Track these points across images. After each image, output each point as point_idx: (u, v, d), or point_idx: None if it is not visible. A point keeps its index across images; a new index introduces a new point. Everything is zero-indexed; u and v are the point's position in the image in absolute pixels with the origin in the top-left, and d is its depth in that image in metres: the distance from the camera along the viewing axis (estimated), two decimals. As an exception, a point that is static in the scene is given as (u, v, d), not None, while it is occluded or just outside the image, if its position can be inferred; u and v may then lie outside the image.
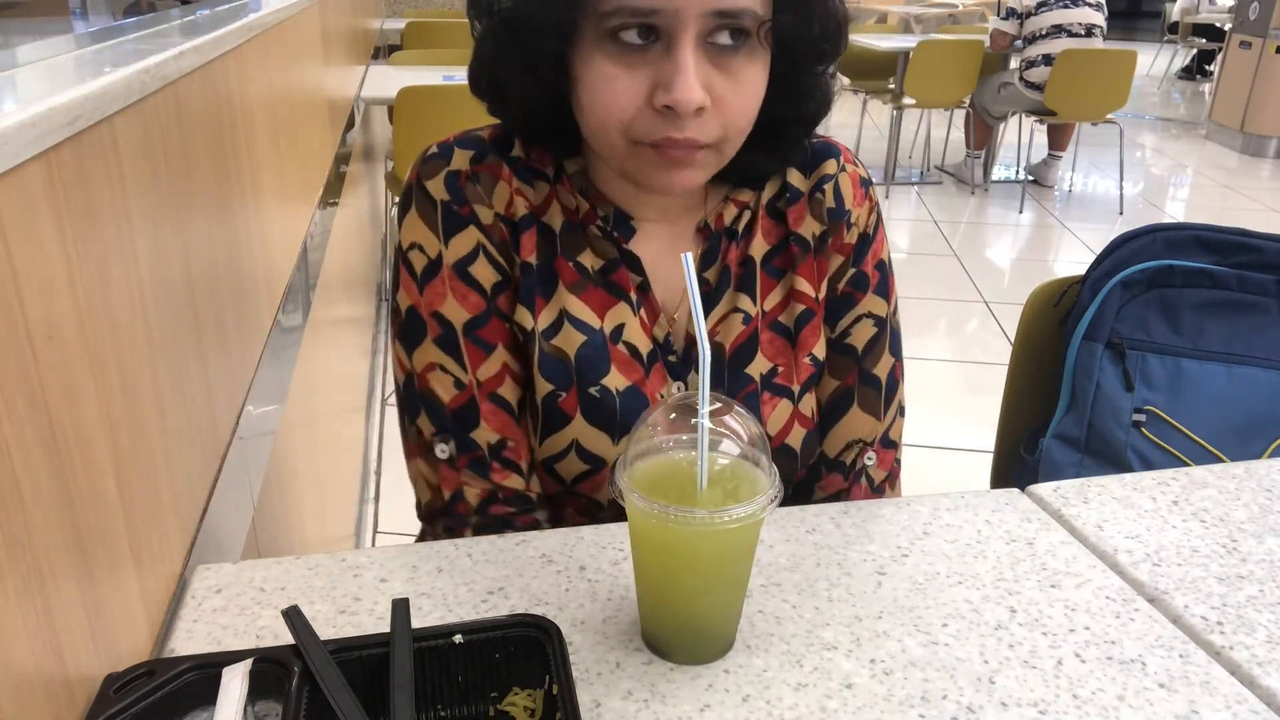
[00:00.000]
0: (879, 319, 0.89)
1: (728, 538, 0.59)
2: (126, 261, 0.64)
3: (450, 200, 0.80)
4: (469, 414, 0.82)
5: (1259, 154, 6.67)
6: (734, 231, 0.85)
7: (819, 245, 0.87)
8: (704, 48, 0.69)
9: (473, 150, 0.82)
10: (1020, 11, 5.07)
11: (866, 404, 0.89)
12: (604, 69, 0.70)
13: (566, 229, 0.83)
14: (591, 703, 0.59)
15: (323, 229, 1.74)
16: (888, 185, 5.58)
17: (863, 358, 0.89)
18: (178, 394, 0.74)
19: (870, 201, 0.89)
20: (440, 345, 0.81)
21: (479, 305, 0.81)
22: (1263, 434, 1.17)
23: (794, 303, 0.86)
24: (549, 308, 0.82)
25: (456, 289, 0.81)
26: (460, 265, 0.81)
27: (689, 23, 0.68)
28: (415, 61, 3.73)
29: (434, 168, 0.81)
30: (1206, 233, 1.22)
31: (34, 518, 0.47)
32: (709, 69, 0.70)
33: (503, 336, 0.82)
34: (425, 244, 0.81)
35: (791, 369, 0.86)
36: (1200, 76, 10.42)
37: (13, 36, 0.95)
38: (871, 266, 0.88)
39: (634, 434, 0.62)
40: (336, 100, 2.35)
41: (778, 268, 0.87)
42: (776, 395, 0.85)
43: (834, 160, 0.87)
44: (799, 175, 0.87)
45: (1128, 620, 0.68)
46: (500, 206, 0.81)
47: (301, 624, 0.57)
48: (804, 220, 0.86)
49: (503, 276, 0.82)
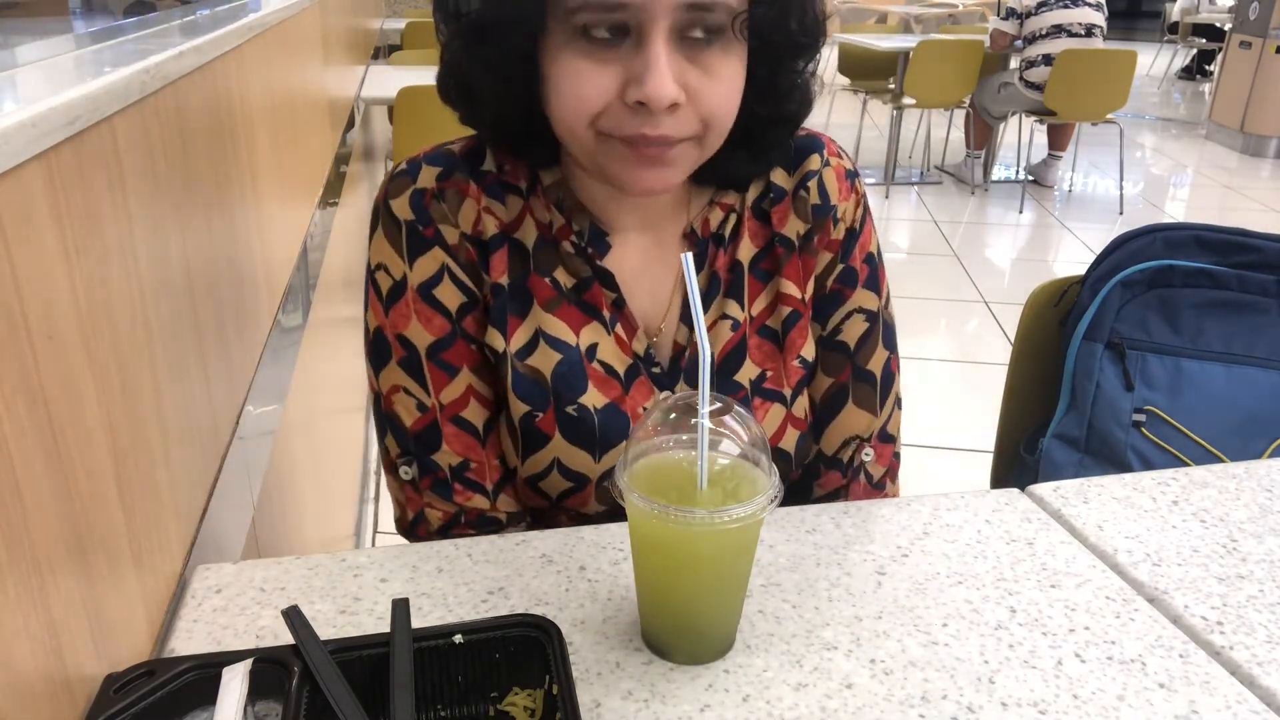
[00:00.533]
0: (870, 314, 0.88)
1: (728, 538, 0.59)
2: (126, 261, 0.64)
3: (415, 220, 0.79)
4: (430, 437, 0.81)
5: (1259, 154, 6.67)
6: (721, 237, 0.84)
7: (803, 244, 0.85)
8: (677, 42, 0.68)
9: (440, 167, 0.80)
10: (1020, 11, 5.07)
11: (861, 400, 0.89)
12: (572, 64, 0.68)
13: (540, 245, 0.81)
14: (591, 703, 0.59)
15: (323, 229, 1.74)
16: (888, 185, 5.58)
17: (855, 354, 0.88)
18: (178, 394, 0.74)
19: (856, 194, 0.87)
20: (404, 368, 0.81)
21: (443, 328, 0.80)
22: (1263, 434, 1.17)
23: (780, 305, 0.85)
24: (524, 326, 0.81)
25: (421, 312, 0.80)
26: (424, 288, 0.80)
27: (659, 16, 0.66)
28: (415, 61, 3.73)
29: (400, 186, 0.80)
30: (1206, 233, 1.22)
31: (34, 518, 0.47)
32: (682, 63, 0.68)
33: (468, 359, 0.81)
34: (390, 265, 0.80)
35: (780, 373, 0.85)
36: (1200, 76, 10.42)
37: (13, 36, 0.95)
38: (860, 261, 0.87)
39: (634, 434, 0.62)
40: (336, 100, 2.35)
41: (765, 270, 0.85)
42: (768, 400, 0.85)
43: (817, 155, 0.85)
44: (783, 173, 0.85)
45: (1128, 620, 0.68)
46: (467, 226, 0.80)
47: (301, 624, 0.57)
48: (788, 219, 0.85)
49: (469, 298, 0.81)
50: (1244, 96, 6.76)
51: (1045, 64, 4.93)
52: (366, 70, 3.59)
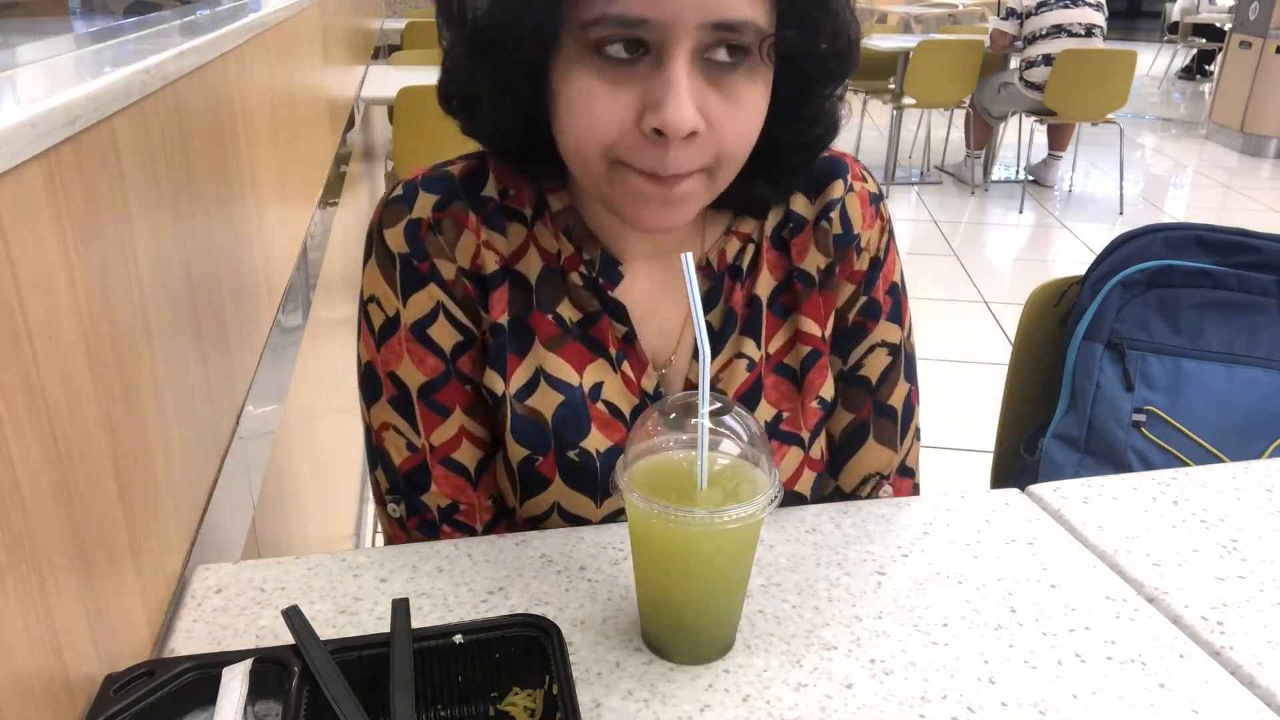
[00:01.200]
0: (893, 346, 0.84)
1: (728, 538, 0.59)
2: (126, 261, 0.64)
3: (409, 254, 0.75)
4: (420, 477, 0.79)
5: (1259, 154, 6.67)
6: (738, 269, 0.79)
7: (824, 279, 0.80)
8: (699, 64, 0.62)
9: (437, 194, 0.75)
10: (1020, 11, 5.07)
11: (882, 436, 0.85)
12: (585, 85, 0.63)
13: (544, 278, 0.77)
14: (591, 703, 0.59)
15: (323, 229, 1.74)
16: (888, 185, 5.58)
17: (877, 389, 0.84)
18: (178, 394, 0.74)
19: (881, 220, 0.82)
20: (394, 406, 0.78)
21: (436, 368, 0.77)
22: (1263, 434, 1.17)
23: (799, 344, 0.81)
24: (523, 366, 0.77)
25: (413, 351, 0.77)
26: (418, 326, 0.76)
27: (683, 36, 0.60)
28: (415, 61, 3.73)
29: (394, 214, 0.75)
30: (1206, 233, 1.22)
31: (34, 518, 0.47)
32: (704, 88, 0.63)
33: (461, 399, 0.78)
34: (383, 300, 0.76)
35: (798, 413, 0.81)
36: (1200, 76, 10.41)
37: (13, 36, 0.95)
38: (883, 292, 0.83)
39: (633, 434, 0.62)
40: (336, 100, 2.35)
41: (783, 306, 0.81)
42: (785, 444, 0.80)
43: (840, 182, 0.80)
44: (803, 200, 0.80)
45: (1128, 620, 0.68)
46: (464, 260, 0.76)
47: (301, 624, 0.57)
48: (808, 253, 0.80)
49: (464, 336, 0.77)
50: (1244, 96, 6.76)
51: (1045, 64, 4.93)
52: (366, 70, 3.59)
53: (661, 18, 0.60)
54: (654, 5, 0.59)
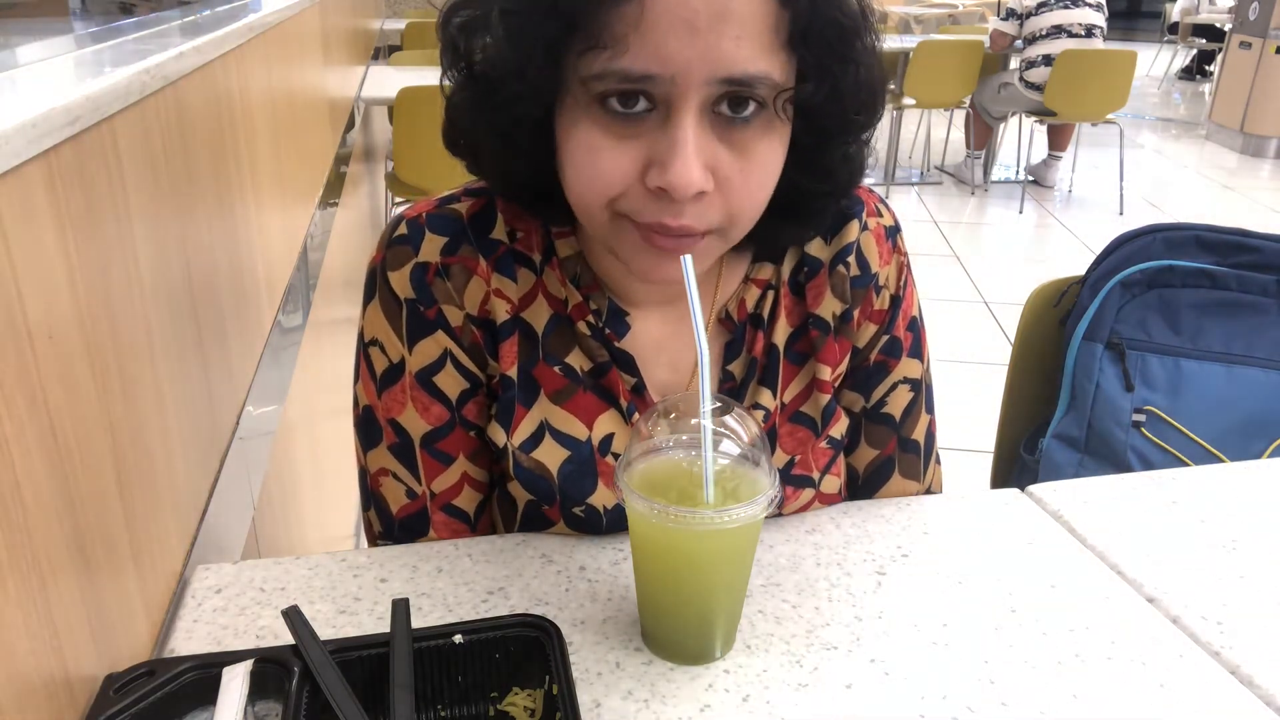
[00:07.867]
0: (914, 382, 0.82)
1: (728, 538, 0.59)
2: (126, 261, 0.64)
3: (416, 299, 0.72)
4: (417, 524, 0.78)
5: (1259, 154, 6.67)
6: (759, 318, 0.77)
7: (839, 326, 0.78)
8: (709, 118, 0.59)
9: (445, 237, 0.72)
10: (1020, 12, 5.07)
11: (908, 470, 0.85)
12: (590, 139, 0.60)
13: (552, 327, 0.74)
14: (591, 703, 0.59)
15: (323, 229, 1.74)
16: (888, 185, 5.58)
17: (901, 425, 0.83)
18: (178, 394, 0.74)
19: (898, 254, 0.79)
20: (395, 454, 0.76)
21: (441, 416, 0.75)
22: (1263, 434, 1.17)
23: (819, 393, 0.78)
24: (529, 418, 0.75)
25: (418, 399, 0.74)
26: (424, 374, 0.74)
27: (691, 92, 0.57)
28: (415, 62, 3.73)
29: (400, 256, 0.72)
30: (1206, 233, 1.22)
31: (34, 517, 0.47)
32: (714, 144, 0.59)
33: (465, 446, 0.76)
34: (387, 345, 0.74)
35: (809, 456, 0.79)
36: (1200, 76, 10.42)
37: (13, 36, 0.95)
38: (904, 329, 0.81)
39: (634, 435, 0.62)
40: (336, 100, 2.35)
41: (799, 353, 0.78)
42: (799, 488, 0.79)
43: (856, 222, 0.77)
44: (819, 242, 0.77)
45: (1128, 620, 0.68)
46: (473, 307, 0.73)
47: (301, 624, 0.57)
48: (823, 298, 0.77)
49: (471, 384, 0.75)
50: (1244, 97, 6.76)
51: (1045, 64, 4.93)
52: (366, 70, 3.59)
53: (668, 73, 0.56)
54: (660, 60, 0.56)
